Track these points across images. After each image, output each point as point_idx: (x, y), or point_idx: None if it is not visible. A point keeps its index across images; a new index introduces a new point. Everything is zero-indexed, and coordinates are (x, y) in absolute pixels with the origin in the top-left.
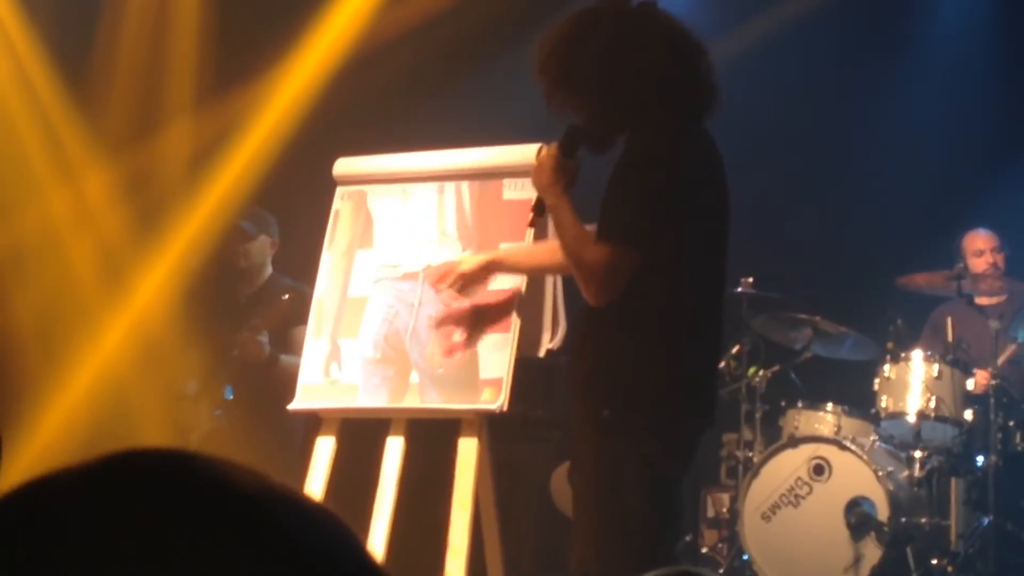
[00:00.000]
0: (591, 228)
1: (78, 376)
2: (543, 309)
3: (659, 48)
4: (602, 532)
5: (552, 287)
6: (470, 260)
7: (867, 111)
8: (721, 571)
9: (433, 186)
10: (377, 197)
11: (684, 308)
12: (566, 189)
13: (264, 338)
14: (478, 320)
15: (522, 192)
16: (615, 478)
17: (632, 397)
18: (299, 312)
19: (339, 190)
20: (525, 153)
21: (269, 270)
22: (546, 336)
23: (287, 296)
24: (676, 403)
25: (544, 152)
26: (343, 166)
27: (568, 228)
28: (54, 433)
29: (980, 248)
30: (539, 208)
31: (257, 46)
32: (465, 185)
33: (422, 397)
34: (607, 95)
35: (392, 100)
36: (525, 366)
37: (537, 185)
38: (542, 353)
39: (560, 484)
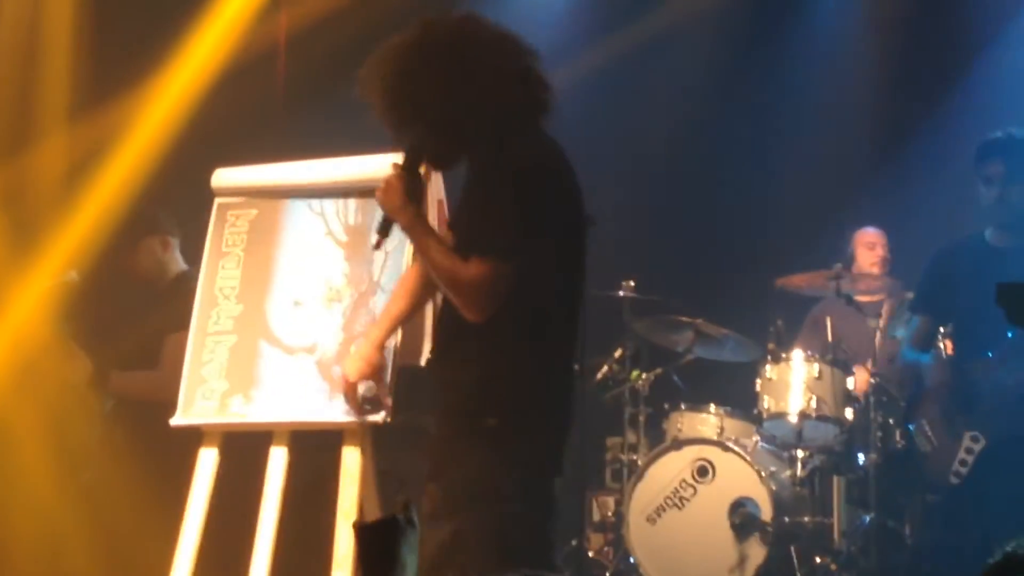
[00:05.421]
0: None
1: None
2: (424, 318)
3: (492, 59)
4: (483, 538)
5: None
6: (356, 358)
7: (747, 112)
8: (608, 574)
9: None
10: (255, 208)
11: (551, 315)
12: (418, 208)
13: (77, 358)
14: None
15: None
16: (496, 486)
17: (512, 405)
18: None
19: (217, 201)
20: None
21: (177, 267)
22: (427, 344)
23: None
24: (550, 408)
25: (390, 173)
26: (221, 177)
27: (433, 247)
28: None
29: (871, 241)
30: (385, 229)
31: (133, 57)
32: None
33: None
34: (446, 115)
35: (270, 110)
36: (407, 375)
37: (387, 207)
38: (423, 361)
39: None
